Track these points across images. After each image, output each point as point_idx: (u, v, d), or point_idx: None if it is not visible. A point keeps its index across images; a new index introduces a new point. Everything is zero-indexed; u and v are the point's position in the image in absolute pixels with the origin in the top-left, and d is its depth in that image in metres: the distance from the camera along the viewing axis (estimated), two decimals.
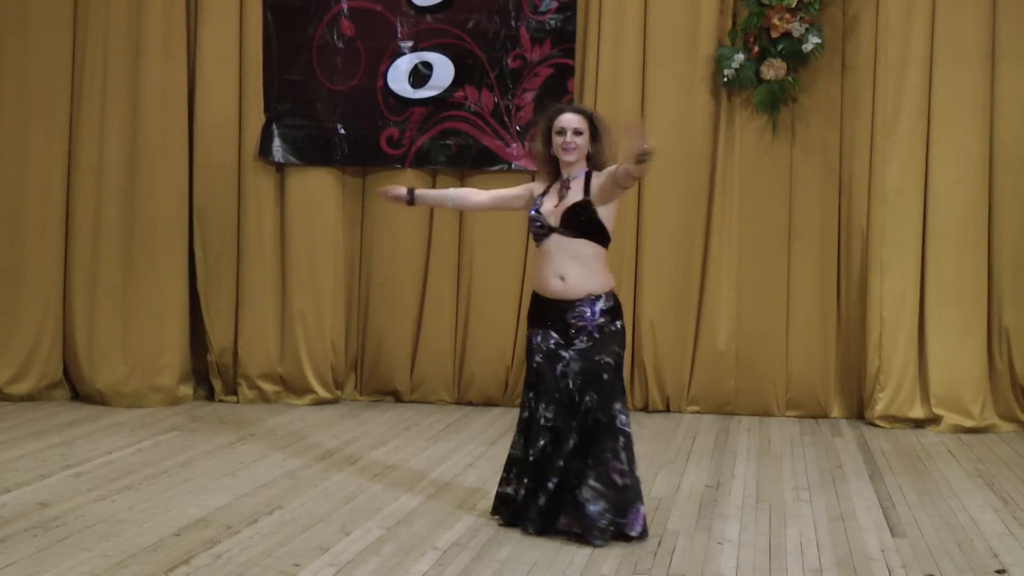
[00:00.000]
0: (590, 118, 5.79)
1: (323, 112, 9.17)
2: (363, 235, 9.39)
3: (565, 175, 5.78)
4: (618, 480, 5.57)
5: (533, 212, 5.79)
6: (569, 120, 5.74)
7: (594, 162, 5.76)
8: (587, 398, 5.62)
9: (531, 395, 5.75)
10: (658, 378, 9.08)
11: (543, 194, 5.85)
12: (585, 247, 5.68)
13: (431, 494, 6.48)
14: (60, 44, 9.08)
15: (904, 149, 8.76)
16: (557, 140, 5.75)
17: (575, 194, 5.71)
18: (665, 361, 9.07)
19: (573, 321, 5.67)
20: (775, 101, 8.84)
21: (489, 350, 9.21)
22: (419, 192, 6.25)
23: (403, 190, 6.19)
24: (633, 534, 5.59)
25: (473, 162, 9.14)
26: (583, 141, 5.73)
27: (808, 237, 8.98)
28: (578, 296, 5.67)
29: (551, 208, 5.75)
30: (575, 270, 5.66)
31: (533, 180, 6.01)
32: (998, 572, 5.28)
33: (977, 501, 6.55)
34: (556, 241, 5.68)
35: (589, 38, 9.06)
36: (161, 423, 8.35)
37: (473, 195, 6.23)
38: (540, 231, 5.74)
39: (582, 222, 5.66)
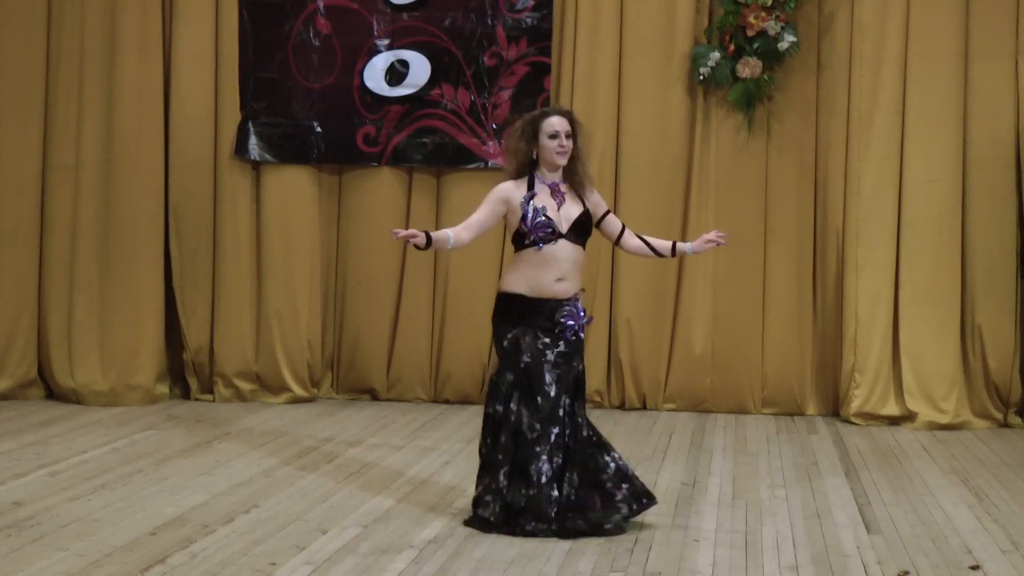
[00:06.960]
0: (572, 119, 5.95)
1: (299, 110, 9.15)
2: (339, 233, 9.37)
3: (552, 179, 5.88)
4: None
5: (543, 218, 5.78)
6: (561, 123, 5.86)
7: (572, 162, 5.90)
8: (575, 404, 5.86)
9: (516, 394, 5.77)
10: (634, 376, 9.10)
11: (531, 197, 5.83)
12: (582, 254, 5.94)
13: (408, 492, 6.47)
14: (35, 41, 9.02)
15: (879, 147, 8.80)
16: (550, 144, 5.83)
17: (572, 203, 5.88)
18: (642, 359, 9.09)
19: (562, 320, 5.81)
20: (751, 99, 8.87)
21: (465, 348, 9.20)
22: (433, 235, 5.77)
23: (421, 236, 5.69)
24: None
25: (449, 160, 9.13)
26: (570, 144, 5.89)
27: (784, 235, 9.02)
28: (568, 296, 5.86)
29: (554, 213, 5.83)
30: (574, 274, 5.88)
31: (501, 182, 5.97)
32: (972, 568, 5.31)
33: (951, 498, 6.59)
34: (563, 246, 5.82)
35: (565, 36, 9.07)
36: (137, 422, 8.32)
37: (463, 232, 5.86)
38: (550, 236, 5.79)
39: (587, 233, 5.94)
